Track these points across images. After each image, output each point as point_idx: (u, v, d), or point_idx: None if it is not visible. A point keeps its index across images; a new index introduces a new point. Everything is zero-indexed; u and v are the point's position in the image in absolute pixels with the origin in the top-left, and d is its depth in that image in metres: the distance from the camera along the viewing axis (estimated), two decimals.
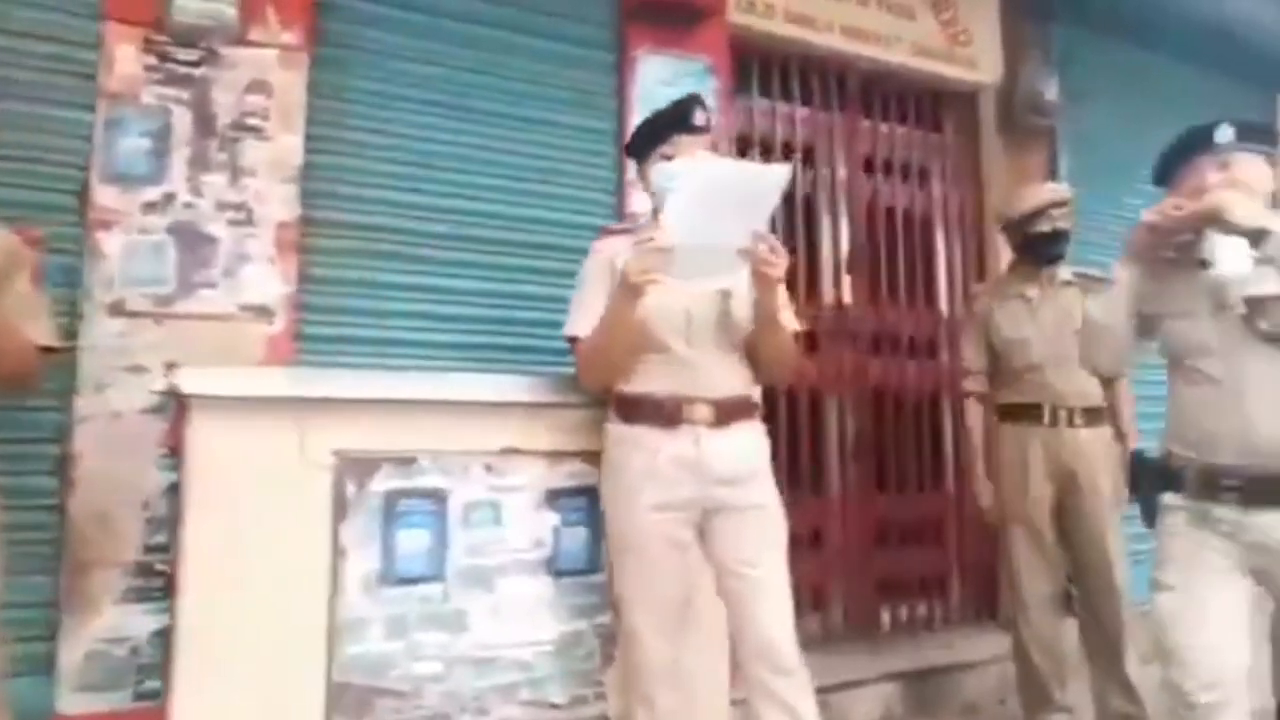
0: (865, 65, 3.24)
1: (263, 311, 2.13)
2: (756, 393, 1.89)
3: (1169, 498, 1.66)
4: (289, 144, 2.20)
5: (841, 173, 3.23)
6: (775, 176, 1.53)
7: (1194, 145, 1.66)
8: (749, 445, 1.81)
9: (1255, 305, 1.56)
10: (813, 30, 3.09)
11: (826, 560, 3.00)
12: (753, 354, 1.83)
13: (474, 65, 2.48)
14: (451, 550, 1.92)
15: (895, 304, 3.29)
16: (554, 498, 2.04)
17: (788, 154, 3.10)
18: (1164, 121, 3.68)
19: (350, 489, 1.85)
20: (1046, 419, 2.56)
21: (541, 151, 2.51)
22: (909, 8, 3.32)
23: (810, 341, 3.06)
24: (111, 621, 1.93)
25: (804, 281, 3.12)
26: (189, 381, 1.72)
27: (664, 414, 1.75)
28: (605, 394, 1.88)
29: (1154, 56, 3.79)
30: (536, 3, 2.58)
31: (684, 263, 1.60)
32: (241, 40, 2.17)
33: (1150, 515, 1.69)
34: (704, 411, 1.75)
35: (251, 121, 2.16)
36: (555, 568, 2.01)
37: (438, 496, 1.92)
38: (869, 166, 3.28)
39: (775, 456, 2.76)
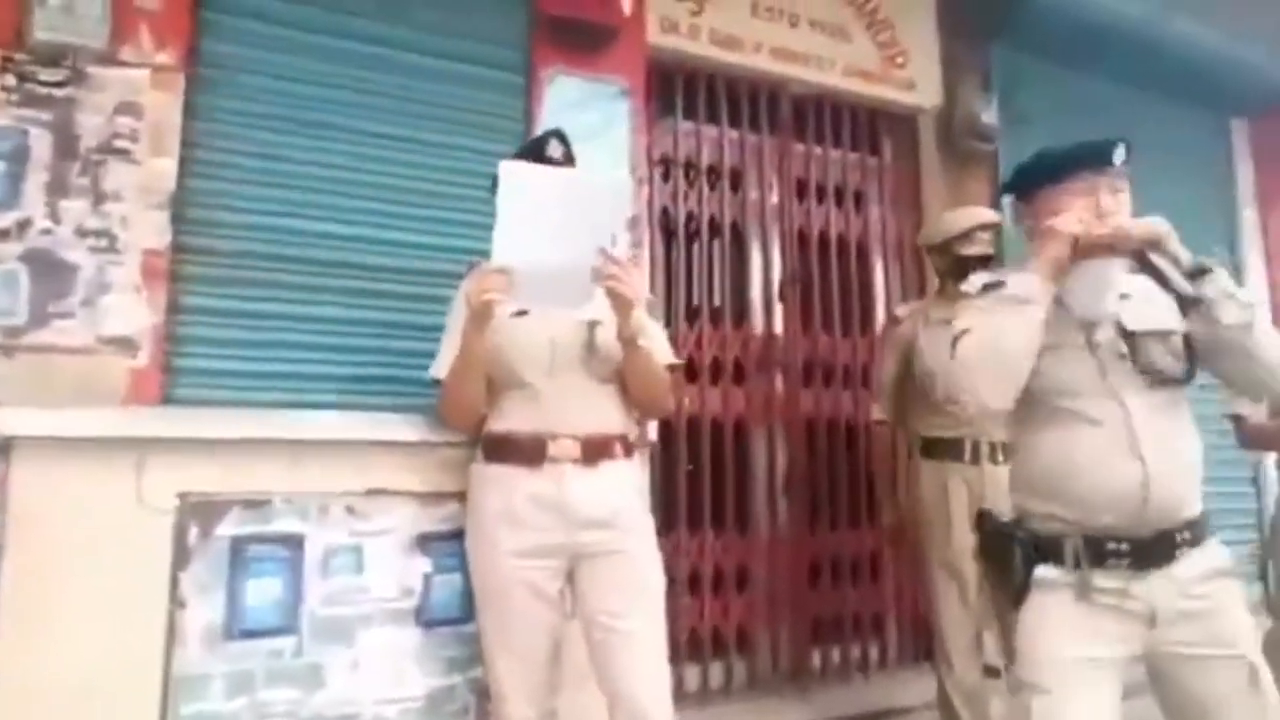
0: (797, 87, 3.16)
1: (126, 344, 2.01)
2: (633, 428, 1.78)
3: (1042, 572, 1.41)
4: (160, 168, 2.09)
5: (773, 198, 3.13)
6: (612, 187, 1.45)
7: (1086, 161, 1.46)
8: (619, 485, 1.69)
9: (1136, 341, 1.42)
10: (740, 52, 3.01)
11: (753, 601, 2.87)
12: (624, 385, 1.73)
13: (366, 86, 2.37)
14: (307, 600, 1.80)
15: (830, 332, 3.18)
16: (425, 542, 1.92)
17: (713, 177, 3.01)
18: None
19: (193, 534, 1.73)
20: (967, 455, 2.44)
21: (436, 175, 2.41)
22: (844, 29, 3.24)
23: (738, 372, 2.95)
24: None
25: (732, 310, 3.02)
26: (8, 421, 1.61)
27: (525, 452, 1.65)
28: (475, 433, 1.77)
29: (1096, 80, 3.72)
30: (438, 22, 2.49)
31: (529, 285, 1.50)
32: (111, 60, 2.07)
33: (1020, 595, 1.43)
34: (568, 449, 1.64)
35: (119, 144, 2.05)
36: (425, 617, 1.89)
37: (292, 541, 1.81)
38: (802, 191, 3.19)
39: (696, 493, 2.73)
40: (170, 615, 1.68)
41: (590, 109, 2.62)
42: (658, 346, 1.76)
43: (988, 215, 2.66)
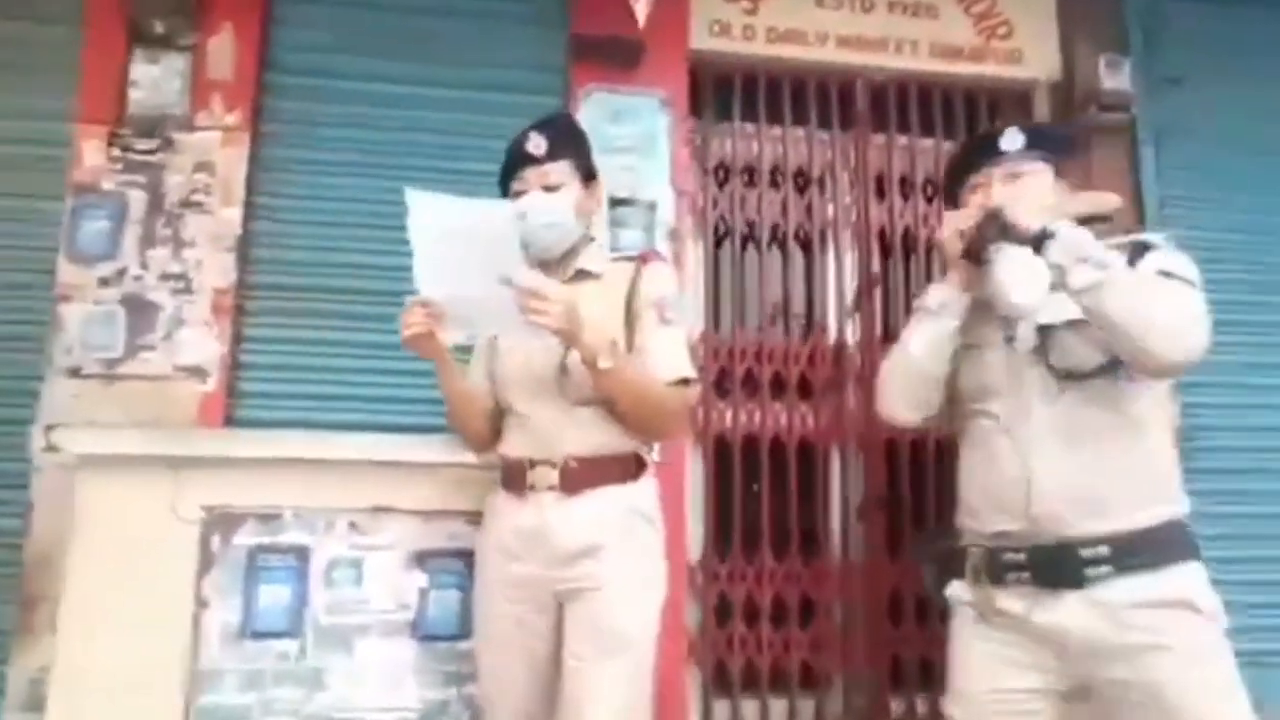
0: (876, 76, 2.91)
1: (196, 371, 2.31)
2: (633, 450, 1.60)
3: (952, 590, 1.35)
4: (228, 216, 2.38)
5: (847, 198, 2.90)
6: (502, 213, 1.39)
7: (980, 155, 1.44)
8: (602, 516, 1.54)
9: (1046, 336, 1.31)
10: (803, 45, 2.84)
11: (822, 635, 2.64)
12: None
13: (412, 124, 2.54)
14: (311, 607, 1.94)
15: None
16: (424, 558, 1.99)
17: (778, 180, 2.85)
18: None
19: (215, 542, 1.93)
20: None
21: None
22: (930, 6, 2.94)
23: (803, 387, 2.76)
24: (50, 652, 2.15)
25: (800, 321, 2.83)
26: (70, 441, 1.90)
27: (511, 479, 1.61)
28: None
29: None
30: (477, 58, 2.61)
31: (463, 316, 1.51)
32: (190, 126, 2.39)
33: (943, 616, 1.39)
34: (548, 476, 1.54)
35: (196, 198, 2.38)
36: (421, 631, 1.96)
37: (299, 553, 1.95)
38: (882, 188, 2.92)
39: (753, 516, 2.55)
40: (194, 615, 1.89)
41: (628, 122, 2.60)
42: (660, 361, 1.55)
43: (1088, 204, 2.26)
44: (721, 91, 2.84)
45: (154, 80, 2.37)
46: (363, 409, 2.40)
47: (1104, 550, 1.20)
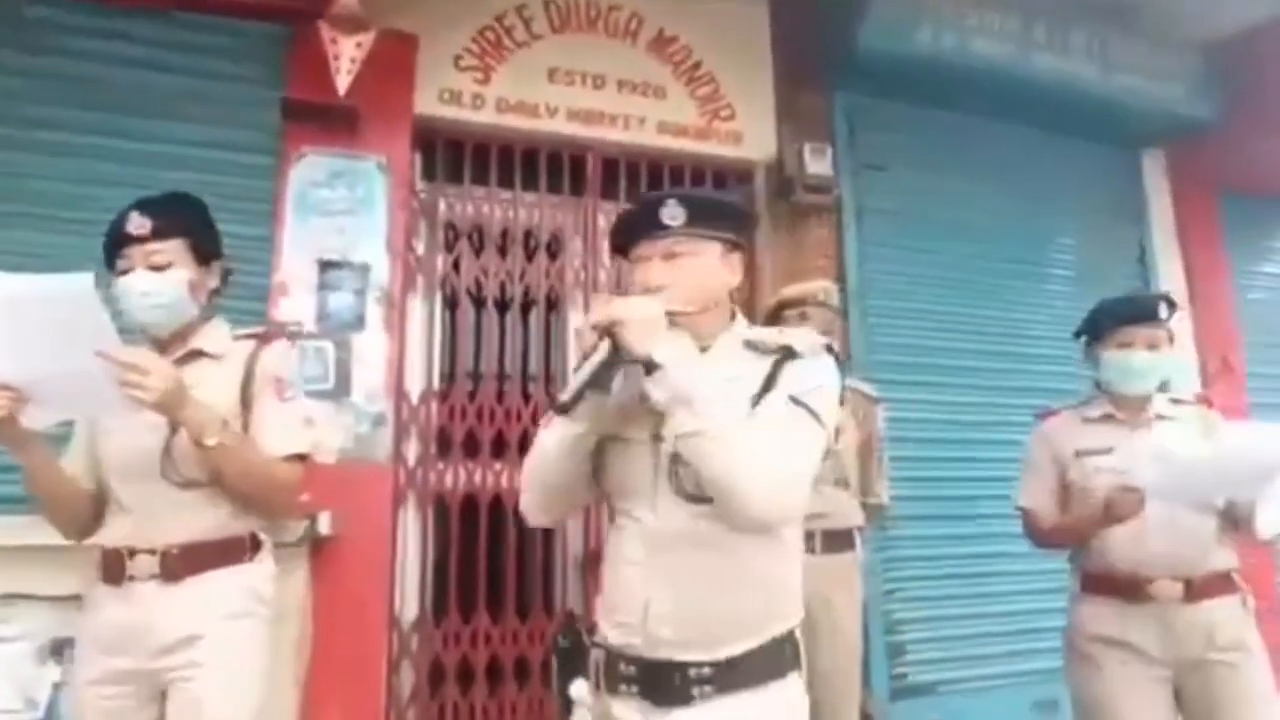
0: (608, 149, 3.07)
1: None
2: (246, 531, 1.58)
3: (575, 691, 1.30)
4: None
5: (575, 260, 3.03)
6: (80, 286, 1.32)
7: (643, 225, 1.25)
8: (207, 602, 1.50)
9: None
10: (532, 117, 2.95)
11: (536, 696, 2.69)
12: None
13: (114, 179, 2.38)
14: None
15: None
16: (60, 648, 1.86)
17: (506, 244, 2.93)
18: (979, 188, 3.48)
19: None
20: None
21: None
22: (659, 87, 3.14)
23: (524, 448, 2.81)
24: None
25: (533, 383, 2.91)
26: None
27: (108, 569, 1.52)
28: None
29: (964, 117, 3.49)
30: (185, 112, 2.53)
31: (48, 397, 1.42)
32: None
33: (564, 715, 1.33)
34: (148, 565, 1.49)
35: None
36: None
37: None
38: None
39: (472, 578, 2.56)
40: None
41: (343, 185, 2.60)
42: (272, 436, 1.55)
43: (794, 291, 2.47)
44: (453, 157, 2.90)
45: None
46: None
47: (707, 671, 1.16)
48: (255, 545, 1.58)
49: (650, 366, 1.13)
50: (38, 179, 2.39)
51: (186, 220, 1.59)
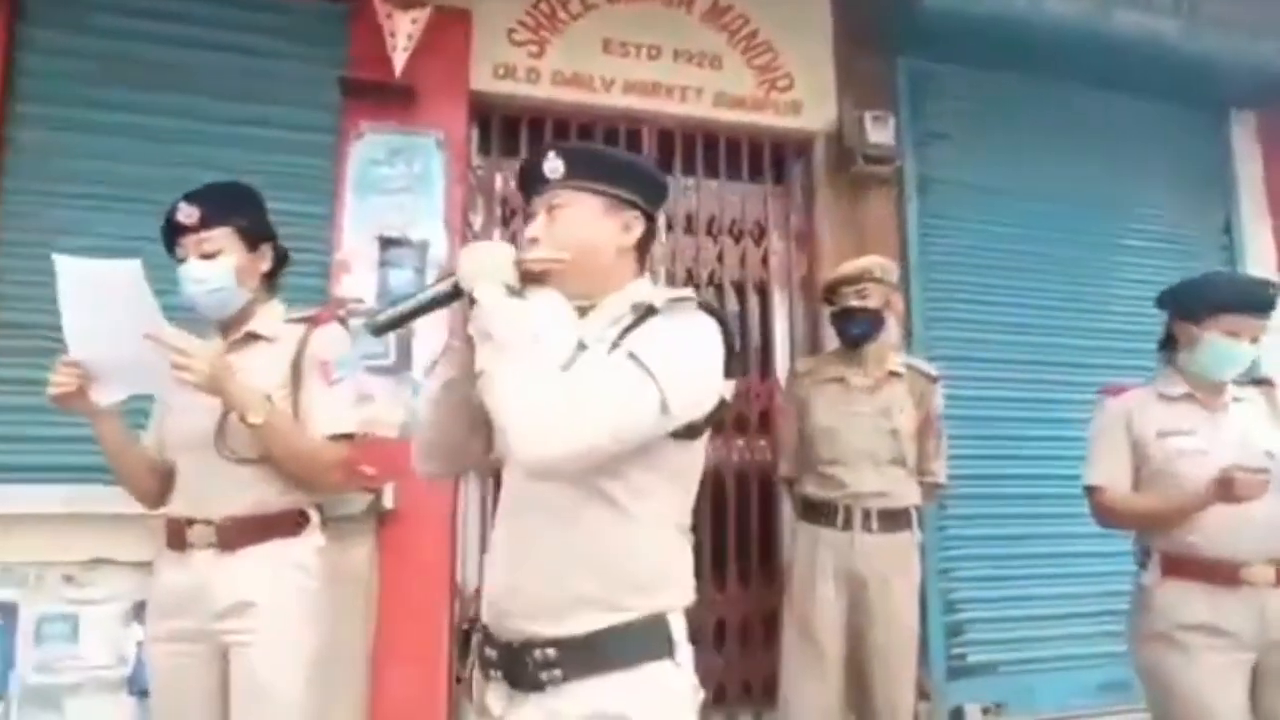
0: (664, 121, 3.03)
1: None
2: (301, 504, 1.66)
3: (475, 678, 1.17)
4: None
5: None
6: (129, 272, 1.40)
7: (527, 181, 1.22)
8: (258, 571, 1.58)
9: None
10: (587, 90, 2.93)
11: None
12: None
13: (176, 159, 2.47)
14: (17, 667, 1.89)
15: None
16: (141, 611, 1.95)
17: None
18: (1052, 156, 3.32)
19: None
20: (839, 520, 2.31)
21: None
22: (715, 57, 3.08)
23: None
24: None
25: None
26: None
27: (171, 536, 1.63)
28: None
29: (1036, 80, 3.33)
30: (244, 91, 2.58)
31: (110, 376, 1.51)
32: None
33: None
34: (205, 534, 1.58)
35: None
36: (137, 686, 1.94)
37: (5, 610, 1.90)
38: (670, 225, 3.05)
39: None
40: None
41: (401, 162, 2.63)
42: (319, 416, 1.62)
43: (851, 267, 2.43)
44: (509, 132, 2.90)
45: None
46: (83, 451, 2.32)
47: (552, 653, 1.05)
48: (304, 520, 1.65)
49: (473, 304, 1.08)
50: (101, 160, 2.47)
51: (234, 207, 1.65)
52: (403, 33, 2.42)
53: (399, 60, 2.37)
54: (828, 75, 3.17)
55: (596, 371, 1.01)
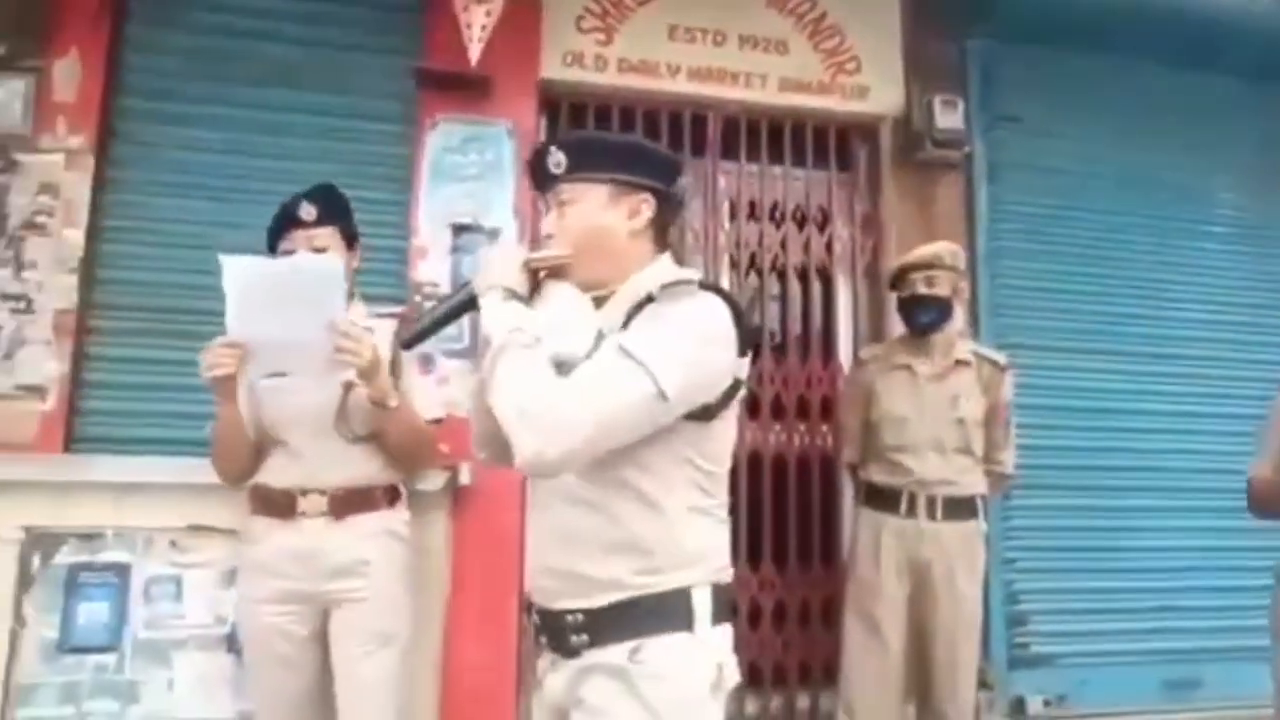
0: (728, 107, 3.04)
1: (36, 390, 2.37)
2: (394, 481, 1.83)
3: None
4: (71, 238, 2.44)
5: (696, 221, 3.04)
6: (327, 269, 1.60)
7: (537, 180, 1.24)
8: (364, 536, 1.76)
9: None
10: (653, 77, 2.96)
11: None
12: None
13: (260, 150, 2.60)
14: (130, 623, 2.04)
15: (781, 364, 3.04)
16: (234, 574, 2.10)
17: None
18: (1127, 139, 3.23)
19: (35, 562, 2.02)
20: (903, 507, 2.33)
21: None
22: (781, 42, 3.07)
23: None
24: None
25: None
26: None
27: (277, 505, 1.76)
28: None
29: (1110, 60, 3.23)
30: (324, 84, 2.68)
31: (264, 358, 1.64)
32: (33, 148, 2.44)
33: None
34: (318, 503, 1.74)
35: (38, 220, 2.43)
36: (235, 645, 2.07)
37: (119, 570, 2.05)
38: (733, 211, 3.07)
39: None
40: (13, 631, 1.99)
41: (474, 151, 2.71)
42: (420, 403, 1.82)
43: (920, 254, 2.43)
44: (576, 120, 2.95)
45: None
46: (202, 426, 2.48)
47: (581, 618, 1.10)
48: (397, 494, 1.83)
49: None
50: (191, 150, 2.60)
51: (341, 210, 1.82)
52: (477, 23, 2.49)
53: (474, 51, 2.43)
54: (895, 58, 3.14)
55: (588, 369, 1.04)
